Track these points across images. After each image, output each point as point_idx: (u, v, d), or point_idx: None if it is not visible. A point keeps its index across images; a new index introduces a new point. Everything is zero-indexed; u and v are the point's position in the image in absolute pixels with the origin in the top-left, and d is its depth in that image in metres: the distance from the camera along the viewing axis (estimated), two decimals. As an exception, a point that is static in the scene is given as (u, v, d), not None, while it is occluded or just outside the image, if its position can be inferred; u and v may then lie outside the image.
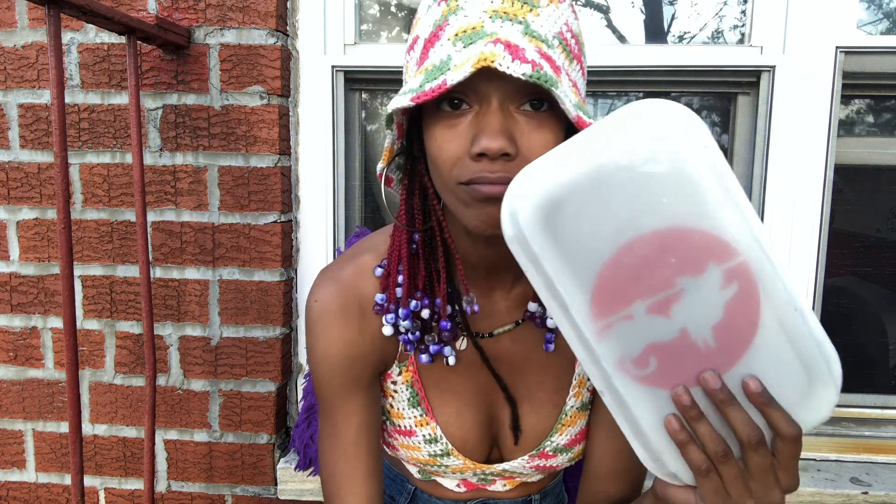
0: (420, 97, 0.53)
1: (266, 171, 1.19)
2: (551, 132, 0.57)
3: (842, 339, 1.36)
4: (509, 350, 0.73)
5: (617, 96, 1.33)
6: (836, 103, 1.19)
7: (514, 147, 0.55)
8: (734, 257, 0.47)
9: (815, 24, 1.17)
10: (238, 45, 1.16)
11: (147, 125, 1.20)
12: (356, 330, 0.71)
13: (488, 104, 0.56)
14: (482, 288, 0.72)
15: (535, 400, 0.74)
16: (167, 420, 1.27)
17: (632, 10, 1.29)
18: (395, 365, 0.75)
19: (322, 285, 0.72)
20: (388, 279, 0.69)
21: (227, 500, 1.29)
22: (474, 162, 0.56)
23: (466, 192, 0.57)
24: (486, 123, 0.55)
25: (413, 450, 0.76)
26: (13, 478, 1.34)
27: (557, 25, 0.58)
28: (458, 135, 0.57)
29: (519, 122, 0.56)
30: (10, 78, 1.21)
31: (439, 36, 0.57)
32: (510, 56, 0.51)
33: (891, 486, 1.19)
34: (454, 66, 0.53)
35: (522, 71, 0.50)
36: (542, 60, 0.53)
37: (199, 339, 1.25)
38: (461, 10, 0.57)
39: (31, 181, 1.24)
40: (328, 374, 0.72)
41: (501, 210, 0.49)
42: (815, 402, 0.50)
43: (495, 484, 0.82)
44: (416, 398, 0.74)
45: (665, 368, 0.50)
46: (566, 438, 0.75)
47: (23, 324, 1.28)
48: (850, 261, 1.34)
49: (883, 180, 1.33)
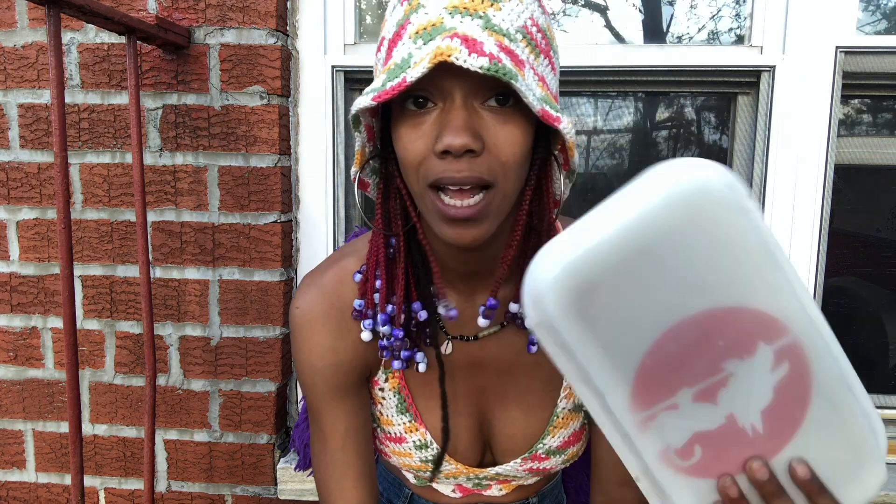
0: (381, 96, 0.52)
1: (266, 171, 1.19)
2: (517, 127, 0.56)
3: (842, 339, 1.35)
4: (495, 353, 0.72)
5: (616, 96, 1.33)
6: (836, 103, 1.19)
7: (480, 143, 0.54)
8: (785, 335, 0.43)
9: (814, 24, 1.17)
10: (238, 45, 1.16)
11: (147, 125, 1.20)
12: (337, 336, 0.70)
13: (452, 101, 0.55)
14: (463, 292, 0.70)
15: (525, 402, 0.73)
16: (167, 420, 1.27)
17: (631, 10, 1.29)
18: (381, 371, 0.74)
19: (304, 292, 0.71)
20: (366, 285, 0.68)
21: (227, 500, 1.29)
22: (439, 160, 0.55)
23: (434, 204, 0.57)
24: (450, 120, 0.54)
25: (404, 456, 0.75)
26: (13, 478, 1.34)
27: (521, 19, 0.56)
28: (423, 133, 0.56)
29: (484, 117, 0.55)
30: (10, 78, 1.21)
31: (401, 35, 0.56)
32: (467, 50, 0.50)
33: (891, 486, 1.19)
34: (414, 63, 0.52)
35: (480, 64, 0.49)
36: (502, 54, 0.51)
37: (199, 339, 1.25)
38: (422, 8, 0.55)
39: (31, 181, 1.24)
40: (312, 381, 0.71)
41: (524, 294, 0.43)
42: (863, 480, 0.47)
43: (491, 489, 0.81)
44: (403, 405, 0.73)
45: (709, 457, 0.46)
46: (559, 440, 0.74)
47: (23, 324, 1.28)
48: (850, 261, 1.34)
49: (883, 180, 1.33)
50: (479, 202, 0.55)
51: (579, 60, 1.21)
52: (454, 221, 0.56)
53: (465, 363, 0.72)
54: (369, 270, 0.68)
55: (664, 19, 1.31)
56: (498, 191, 0.56)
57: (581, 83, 1.27)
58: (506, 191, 0.57)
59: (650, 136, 1.34)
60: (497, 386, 0.73)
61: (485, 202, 0.56)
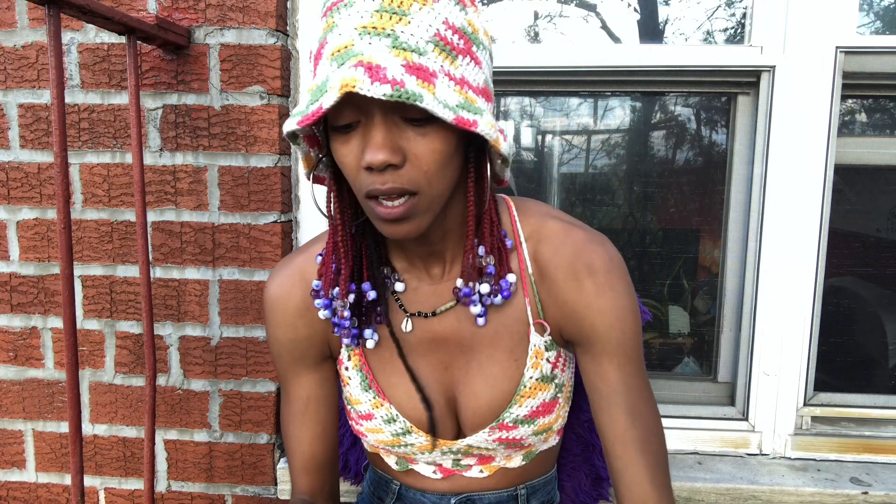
0: (303, 121, 0.56)
1: (266, 171, 1.20)
2: (437, 137, 0.60)
3: (842, 339, 1.36)
4: (455, 327, 0.76)
5: (615, 97, 1.33)
6: (836, 103, 1.19)
7: (400, 156, 0.59)
8: None
9: (815, 23, 1.17)
10: (238, 45, 1.17)
11: (147, 125, 1.20)
12: (296, 315, 0.78)
13: (371, 117, 0.59)
14: (420, 268, 0.76)
15: (489, 374, 0.76)
16: (167, 420, 1.27)
17: (626, 9, 1.29)
18: (343, 349, 0.80)
19: (274, 273, 0.80)
20: (323, 266, 0.74)
21: (227, 500, 1.29)
22: (367, 173, 0.60)
23: (371, 207, 0.62)
24: (370, 138, 0.59)
25: (377, 432, 0.80)
26: (13, 478, 1.34)
27: (433, 28, 0.58)
28: (351, 149, 0.61)
29: (405, 130, 0.59)
30: (10, 78, 1.21)
31: (322, 54, 0.60)
32: (370, 79, 0.53)
33: (891, 486, 1.19)
34: (330, 88, 0.55)
35: (382, 92, 0.52)
36: (406, 75, 0.54)
37: (199, 339, 1.25)
38: (336, 28, 0.59)
39: (31, 181, 1.24)
40: (277, 352, 0.81)
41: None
42: None
43: (471, 470, 0.83)
44: (365, 382, 0.79)
45: None
46: (526, 410, 0.76)
47: (23, 324, 1.28)
48: (850, 261, 1.34)
49: (883, 180, 1.33)
50: (404, 204, 0.61)
51: (581, 61, 1.22)
52: (388, 221, 0.62)
53: (426, 339, 0.77)
54: (326, 254, 0.74)
55: (661, 19, 1.31)
56: (423, 196, 0.62)
57: (581, 83, 1.27)
58: (431, 194, 0.62)
59: (650, 136, 1.34)
60: (460, 360, 0.77)
61: (410, 204, 0.61)
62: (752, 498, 1.19)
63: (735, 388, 1.32)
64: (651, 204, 1.35)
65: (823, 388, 1.30)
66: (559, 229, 0.74)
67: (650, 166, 1.34)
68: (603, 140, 1.35)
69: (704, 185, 1.33)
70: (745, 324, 1.29)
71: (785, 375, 1.27)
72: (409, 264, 0.76)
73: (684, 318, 1.41)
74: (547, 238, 0.74)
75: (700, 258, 1.37)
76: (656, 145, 1.34)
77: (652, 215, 1.35)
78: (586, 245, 0.72)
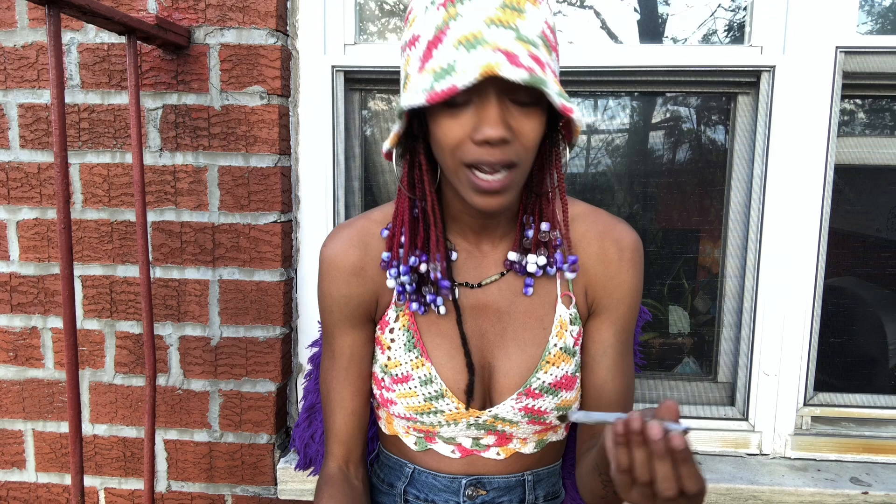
0: (433, 98, 0.62)
1: (266, 171, 1.20)
2: (537, 118, 0.68)
3: (842, 339, 1.36)
4: (496, 297, 0.83)
5: (614, 97, 1.33)
6: (836, 103, 1.19)
7: (511, 133, 0.66)
8: None
9: (815, 24, 1.17)
10: (238, 45, 1.16)
11: (147, 125, 1.20)
12: (352, 273, 0.83)
13: (488, 98, 0.66)
14: (471, 242, 0.83)
15: (521, 339, 0.82)
16: (167, 420, 1.27)
17: (626, 9, 1.29)
18: (392, 310, 0.84)
19: (333, 235, 0.86)
20: (392, 239, 0.81)
21: (227, 500, 1.29)
22: (477, 147, 0.67)
23: (468, 178, 0.69)
24: (487, 115, 0.65)
25: (409, 396, 0.83)
26: (13, 478, 1.34)
27: (540, 25, 0.67)
28: (461, 123, 0.67)
29: (512, 110, 0.67)
30: (10, 78, 1.21)
31: (442, 39, 0.66)
32: (510, 63, 0.60)
33: (891, 486, 1.19)
34: (461, 70, 0.61)
35: (521, 77, 0.59)
36: (533, 63, 0.62)
37: (199, 339, 1.25)
38: (461, 18, 0.65)
39: (31, 181, 1.24)
40: (329, 307, 0.86)
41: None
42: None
43: (489, 451, 0.86)
44: (412, 341, 0.83)
45: None
46: (551, 378, 0.82)
47: (23, 324, 1.28)
48: (850, 261, 1.34)
49: (883, 180, 1.33)
50: (505, 177, 0.68)
51: (581, 61, 1.21)
52: (484, 192, 0.69)
53: (469, 307, 0.83)
54: (395, 227, 0.80)
55: (661, 19, 1.31)
56: (519, 169, 0.70)
57: (581, 83, 1.27)
58: (524, 169, 0.71)
59: (650, 136, 1.34)
60: (497, 327, 0.83)
61: (510, 177, 0.69)
62: (752, 498, 1.19)
63: (735, 388, 1.32)
64: (651, 204, 1.35)
65: (823, 388, 1.30)
66: (588, 209, 0.86)
67: (650, 166, 1.34)
68: (603, 140, 1.35)
69: (704, 185, 1.33)
70: (745, 324, 1.29)
71: (785, 375, 1.27)
72: (461, 238, 0.83)
73: (684, 318, 1.40)
74: (578, 215, 0.84)
75: (700, 258, 1.37)
76: (656, 145, 1.34)
77: (652, 215, 1.35)
78: (616, 224, 0.84)
